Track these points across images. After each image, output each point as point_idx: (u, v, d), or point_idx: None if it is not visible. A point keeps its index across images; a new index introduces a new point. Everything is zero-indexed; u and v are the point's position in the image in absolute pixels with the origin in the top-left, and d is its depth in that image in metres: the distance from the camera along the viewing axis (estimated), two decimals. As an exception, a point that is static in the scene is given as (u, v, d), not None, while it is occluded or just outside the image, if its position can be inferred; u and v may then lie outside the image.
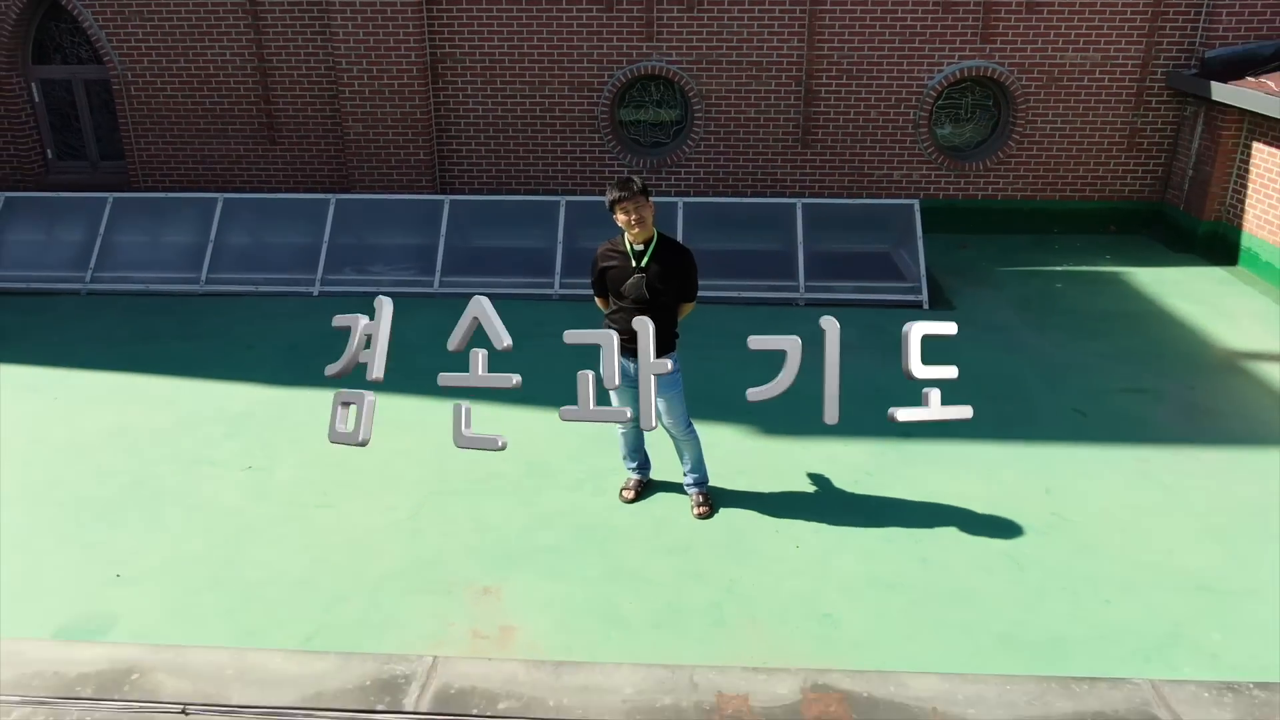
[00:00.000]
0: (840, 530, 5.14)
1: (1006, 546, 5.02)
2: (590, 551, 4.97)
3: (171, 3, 10.43)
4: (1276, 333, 7.99)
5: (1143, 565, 4.86)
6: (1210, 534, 5.14)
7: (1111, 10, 9.90)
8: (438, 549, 5.00)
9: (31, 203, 9.59)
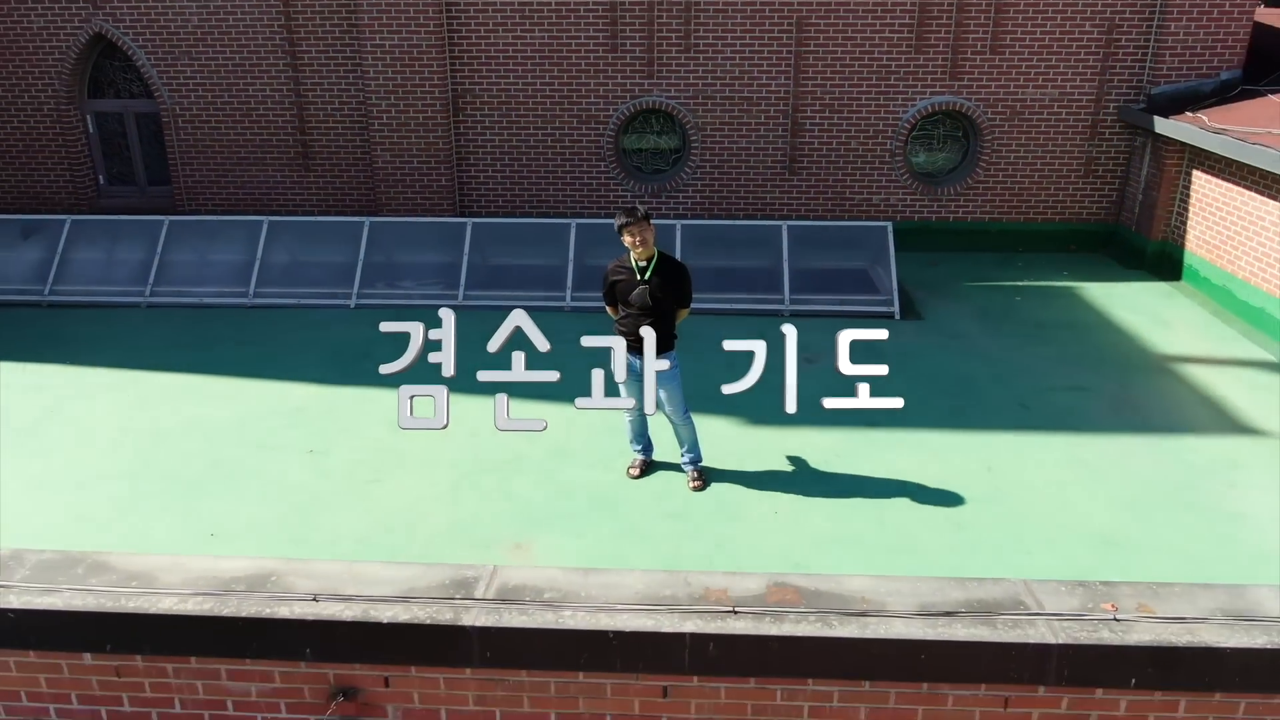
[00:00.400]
0: (812, 499, 6.15)
1: (950, 512, 6.02)
2: (603, 516, 5.97)
3: (217, 43, 11.52)
4: (1205, 339, 9.03)
5: (1062, 527, 5.86)
6: (1123, 504, 6.14)
7: (1067, 51, 10.99)
8: (475, 514, 6.00)
9: (94, 225, 10.64)
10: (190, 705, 3.86)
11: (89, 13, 11.51)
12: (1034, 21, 10.93)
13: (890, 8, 10.93)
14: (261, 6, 11.36)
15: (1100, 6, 10.83)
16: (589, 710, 3.72)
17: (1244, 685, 3.52)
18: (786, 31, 11.08)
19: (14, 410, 7.62)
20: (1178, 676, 3.52)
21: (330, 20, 11.36)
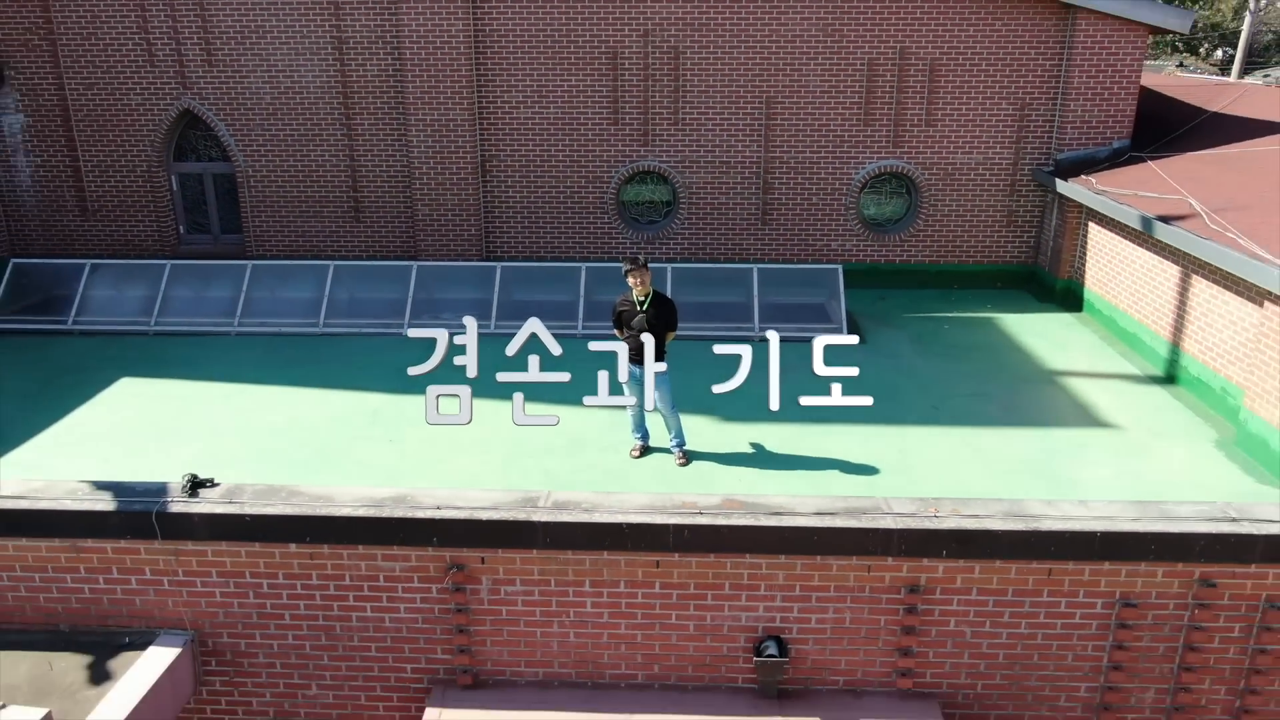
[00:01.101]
0: (770, 472, 8.36)
1: (868, 480, 8.24)
2: (614, 483, 8.15)
3: (285, 117, 13.86)
4: (1090, 358, 11.31)
5: (945, 488, 8.06)
6: (994, 475, 8.36)
7: (988, 123, 13.38)
8: (522, 481, 8.19)
9: (188, 268, 12.91)
10: (356, 577, 6.02)
11: (179, 92, 13.86)
12: (960, 99, 13.33)
13: (842, 89, 13.32)
14: (323, 87, 13.72)
15: (1014, 88, 13.23)
16: (609, 575, 5.89)
17: (1012, 554, 5.71)
18: (758, 108, 13.46)
19: (153, 413, 9.83)
20: (970, 550, 5.70)
21: (380, 98, 13.72)
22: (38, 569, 6.13)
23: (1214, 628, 5.85)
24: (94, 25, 13.65)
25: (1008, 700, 6.07)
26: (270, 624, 6.21)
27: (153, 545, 6.03)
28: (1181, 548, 5.67)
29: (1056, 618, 5.88)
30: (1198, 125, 13.87)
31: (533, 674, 6.19)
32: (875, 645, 5.97)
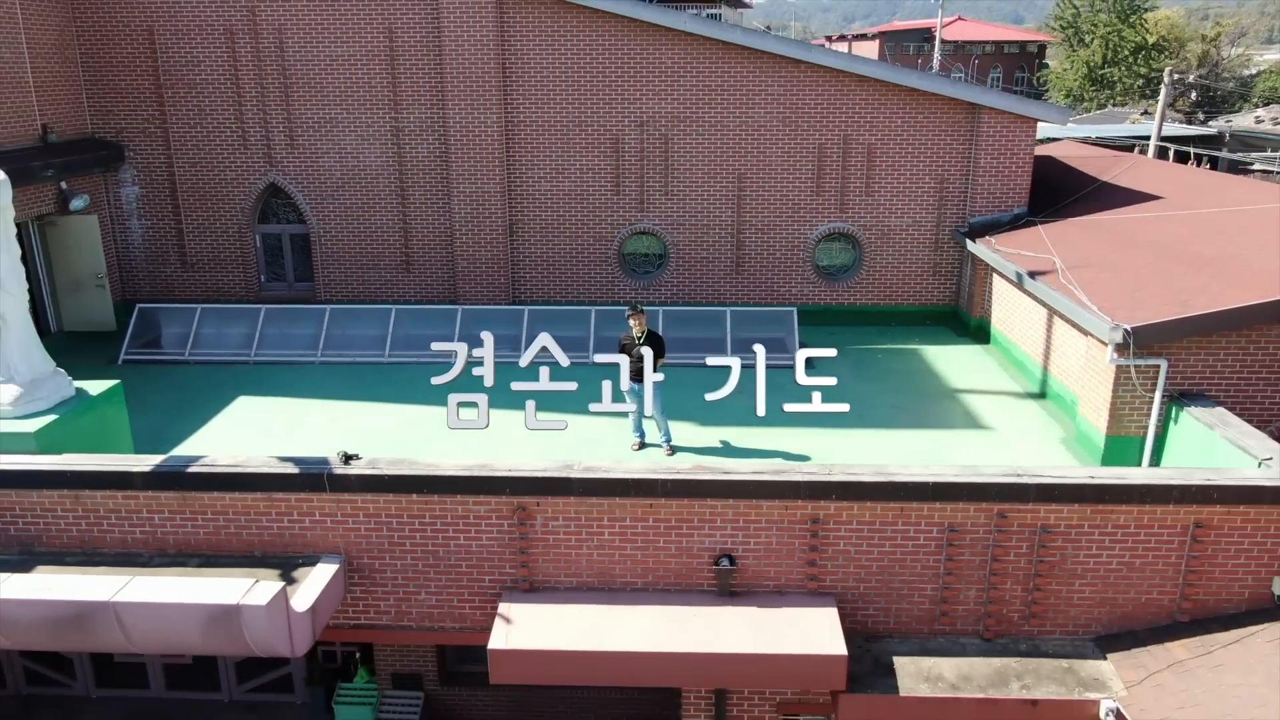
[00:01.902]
0: (741, 460, 11.60)
1: (812, 465, 11.48)
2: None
3: (352, 189, 17.22)
4: (987, 380, 14.60)
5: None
6: (893, 461, 11.61)
7: (915, 194, 16.76)
8: (552, 466, 11.42)
9: (280, 311, 16.21)
10: (454, 517, 9.20)
11: (266, 169, 17.24)
12: (893, 175, 16.73)
13: (798, 167, 16.73)
14: (382, 165, 17.09)
15: (935, 166, 16.64)
16: (619, 515, 9.07)
17: (876, 498, 8.94)
18: (731, 182, 16.86)
19: (271, 421, 13.08)
20: (850, 495, 8.90)
21: (429, 174, 17.09)
22: (244, 513, 9.33)
23: (1008, 546, 9.06)
24: (199, 116, 17.06)
25: (880, 596, 9.26)
26: (396, 549, 9.41)
27: (322, 496, 9.24)
28: (984, 493, 8.91)
29: (908, 540, 9.10)
30: (1086, 194, 17.28)
31: (569, 582, 9.38)
32: (792, 559, 9.18)
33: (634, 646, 8.77)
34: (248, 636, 8.04)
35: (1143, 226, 14.58)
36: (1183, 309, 10.87)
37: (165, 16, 16.58)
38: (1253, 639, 8.87)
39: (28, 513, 9.49)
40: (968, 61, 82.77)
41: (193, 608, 8.01)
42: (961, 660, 9.19)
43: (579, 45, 16.31)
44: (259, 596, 8.07)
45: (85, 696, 13.73)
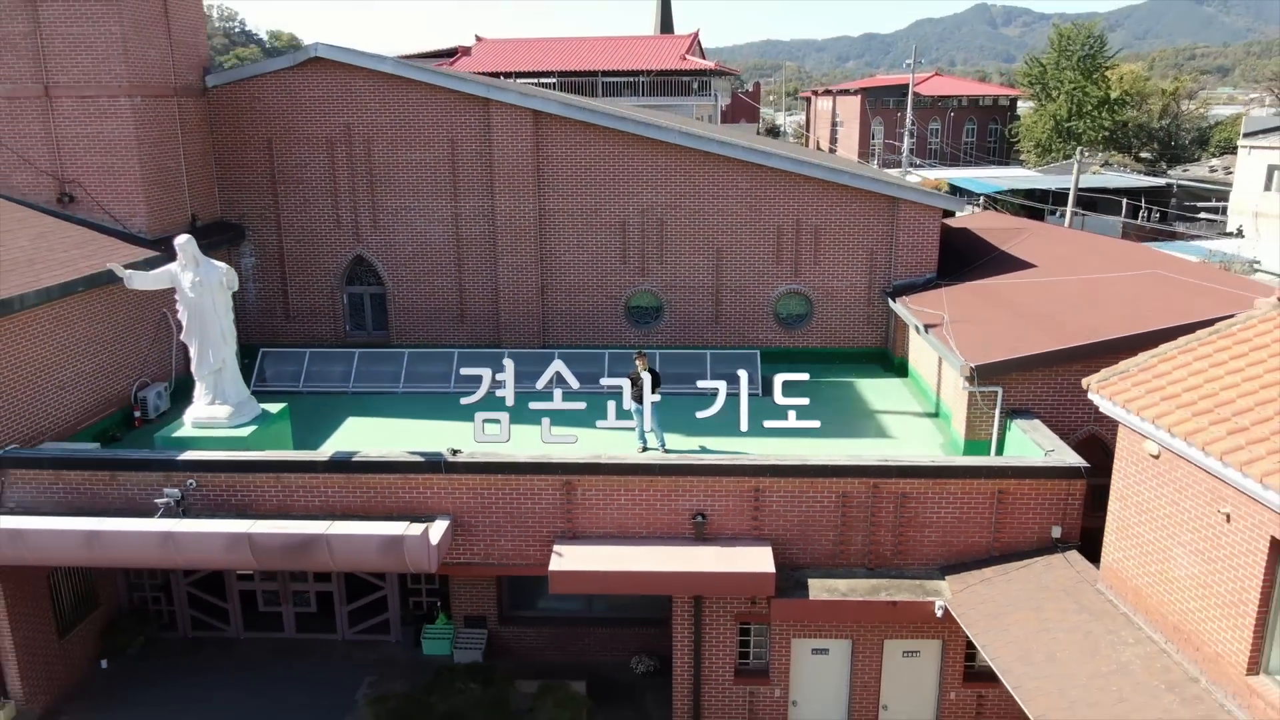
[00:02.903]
0: (718, 456, 16.68)
1: (754, 455, 16.56)
2: (629, 462, 16.50)
3: (421, 259, 22.41)
4: (900, 403, 19.71)
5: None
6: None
7: (851, 263, 21.97)
8: (583, 462, 16.53)
9: (369, 353, 21.36)
10: (525, 489, 14.19)
11: (354, 244, 22.47)
12: (835, 248, 21.94)
13: (762, 242, 21.94)
14: (444, 241, 22.30)
15: (866, 241, 21.85)
16: (632, 487, 14.08)
17: (795, 475, 13.97)
18: (712, 254, 22.08)
19: (373, 434, 18.13)
20: (780, 473, 13.97)
21: (480, 248, 22.30)
22: (388, 487, 14.39)
23: (881, 507, 14.13)
24: (303, 204, 22.31)
25: (799, 540, 14.32)
26: (485, 511, 14.46)
27: (438, 476, 14.31)
28: (864, 472, 14.01)
29: (816, 503, 14.17)
30: (984, 261, 22.50)
31: (599, 532, 14.44)
32: (742, 516, 14.25)
33: (640, 568, 13.86)
34: (406, 557, 13.13)
35: (1011, 290, 19.79)
36: (1012, 352, 16.03)
37: (281, 130, 21.88)
38: (1033, 564, 13.96)
39: (244, 489, 14.60)
40: (944, 115, 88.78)
41: (374, 538, 13.11)
42: (851, 580, 14.29)
43: (594, 152, 21.62)
44: (414, 532, 13.17)
45: (236, 638, 18.74)
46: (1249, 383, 11.07)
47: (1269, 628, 10.20)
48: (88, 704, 16.78)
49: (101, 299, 17.62)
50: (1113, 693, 11.11)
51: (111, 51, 18.72)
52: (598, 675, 17.04)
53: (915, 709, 15.41)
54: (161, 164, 20.04)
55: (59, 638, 16.79)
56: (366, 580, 18.35)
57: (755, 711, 15.42)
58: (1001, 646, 12.49)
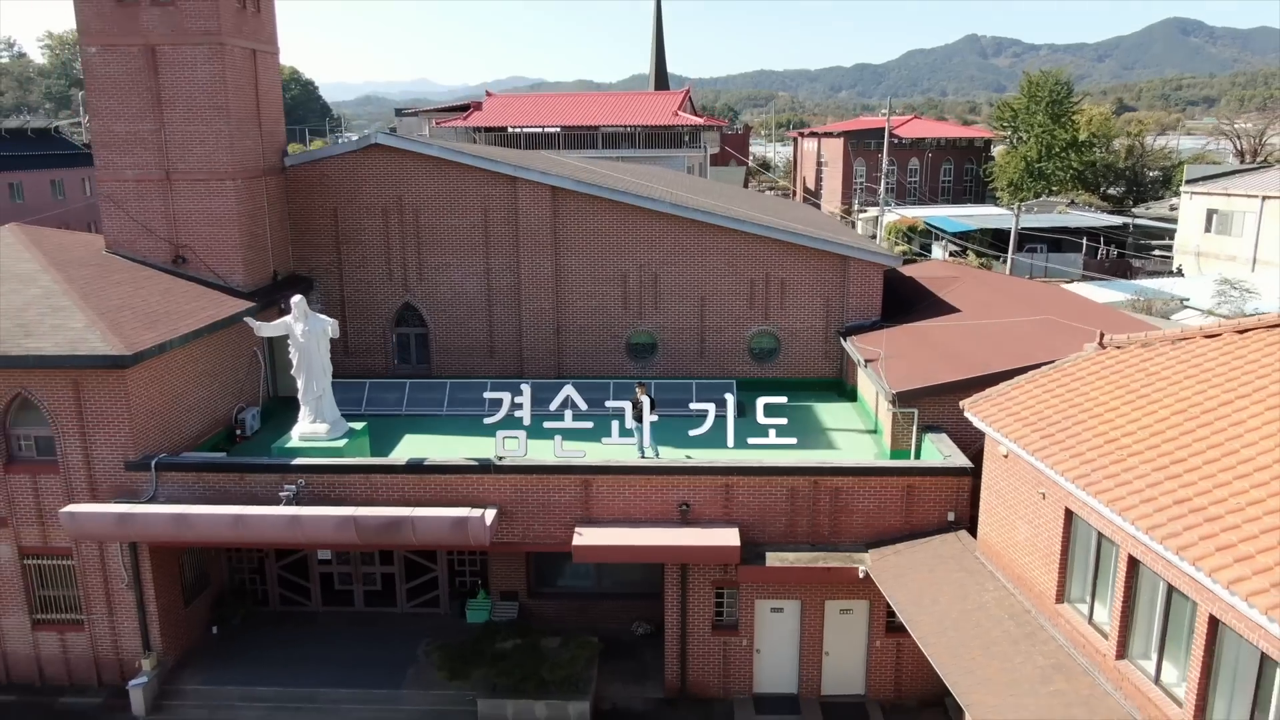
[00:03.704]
0: (698, 461, 21.50)
1: (726, 459, 21.37)
2: (631, 468, 21.31)
3: (458, 305, 27.29)
4: (848, 423, 24.55)
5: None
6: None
7: (811, 308, 26.88)
8: (595, 468, 21.33)
9: (418, 384, 26.17)
10: (555, 485, 18.91)
11: (403, 294, 27.35)
12: (798, 297, 26.86)
13: (739, 292, 26.86)
14: (477, 292, 27.18)
15: (823, 291, 26.76)
16: (636, 484, 18.83)
17: (753, 474, 18.76)
18: (697, 300, 27.00)
19: (428, 447, 22.91)
20: (743, 473, 18.71)
21: (507, 297, 27.18)
22: (447, 485, 19.14)
23: (820, 498, 18.95)
24: (361, 260, 27.22)
25: (759, 523, 19.08)
26: (523, 502, 19.20)
27: (489, 475, 19.09)
28: (806, 471, 18.81)
29: (772, 495, 18.95)
30: (921, 306, 27.41)
31: (609, 518, 19.20)
32: (716, 505, 19.01)
33: (640, 543, 18.65)
34: (469, 533, 17.92)
35: (936, 331, 24.70)
36: (925, 381, 20.87)
37: (345, 201, 26.82)
38: (932, 540, 18.76)
39: (341, 486, 19.38)
40: (922, 156, 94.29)
41: (446, 518, 17.91)
42: (798, 553, 19.07)
43: (600, 219, 26.58)
44: (475, 514, 17.98)
45: (316, 611, 23.45)
46: (1064, 404, 15.95)
47: (1068, 571, 15.00)
48: (205, 659, 21.45)
49: (214, 340, 22.42)
50: (972, 621, 15.90)
51: (220, 145, 23.65)
52: (606, 637, 21.70)
53: (850, 654, 20.15)
54: (253, 231, 24.95)
55: (184, 606, 21.48)
56: (421, 563, 23.12)
57: (728, 658, 20.15)
58: (902, 596, 17.28)
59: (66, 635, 20.78)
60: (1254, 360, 14.88)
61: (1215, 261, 56.00)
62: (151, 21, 22.87)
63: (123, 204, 23.98)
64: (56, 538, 20.01)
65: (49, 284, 20.93)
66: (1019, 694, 13.99)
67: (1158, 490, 12.78)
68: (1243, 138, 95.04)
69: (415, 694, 20.08)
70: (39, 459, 19.96)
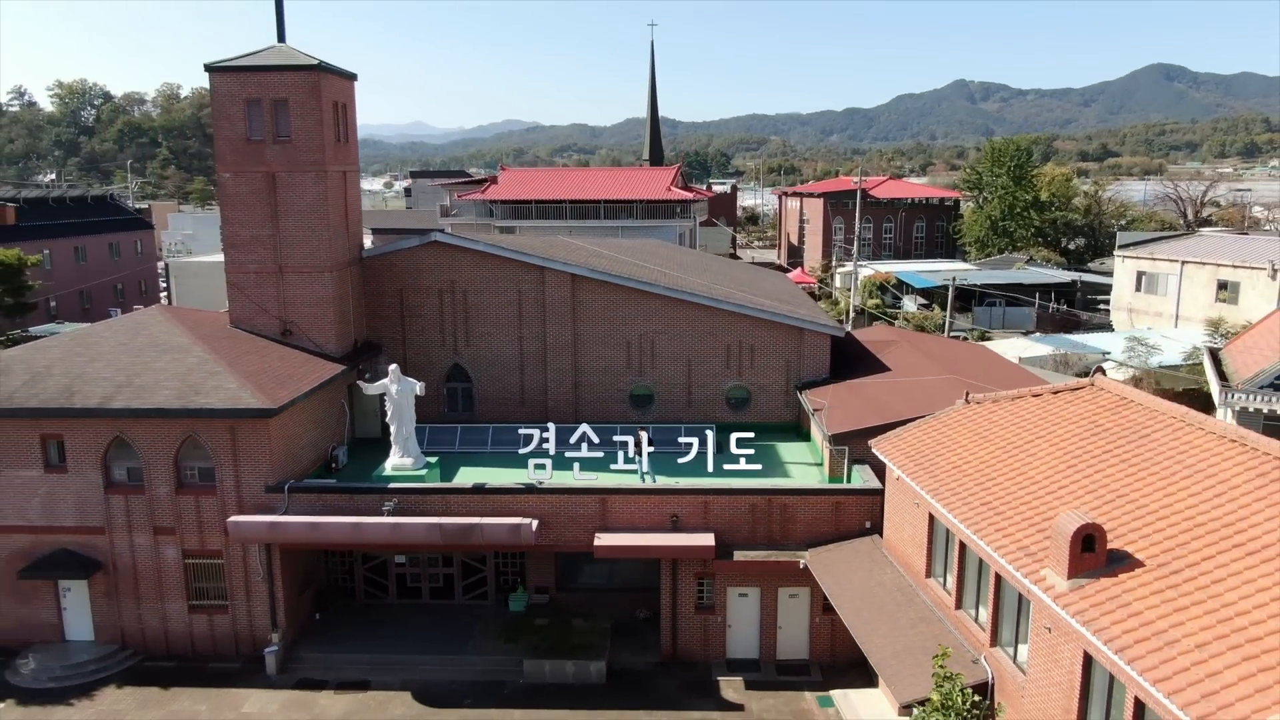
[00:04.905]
0: (685, 485, 28.73)
1: (704, 483, 28.60)
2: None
3: (497, 364, 34.60)
4: (802, 457, 31.81)
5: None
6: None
7: (775, 367, 34.23)
8: (608, 491, 28.57)
9: (466, 428, 33.42)
10: (578, 503, 26.11)
11: (453, 355, 34.68)
12: (765, 358, 34.22)
13: (717, 354, 34.24)
14: (512, 354, 34.49)
15: (785, 354, 34.14)
16: (639, 500, 25.98)
17: (723, 494, 25.89)
18: (685, 361, 34.37)
19: (482, 476, 30.13)
20: (716, 494, 25.88)
21: (536, 357, 34.51)
22: (502, 502, 26.28)
23: (771, 512, 26.09)
24: (420, 330, 34.59)
25: (730, 530, 26.18)
26: (556, 514, 26.32)
27: (533, 495, 26.25)
28: (760, 493, 26.03)
29: (738, 510, 26.11)
30: (861, 365, 34.76)
31: (620, 526, 26.31)
32: (698, 517, 26.15)
33: (642, 544, 25.86)
34: (521, 536, 25.11)
35: (871, 388, 32.04)
36: (855, 426, 28.15)
37: (408, 283, 34.24)
38: (853, 542, 25.98)
39: (426, 504, 26.58)
40: (896, 214, 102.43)
41: (505, 525, 25.11)
42: (756, 551, 26.26)
43: (609, 298, 34.01)
44: (526, 522, 25.20)
45: (392, 603, 30.55)
46: (933, 443, 23.26)
47: (932, 556, 22.19)
48: (312, 636, 28.46)
49: (319, 395, 29.65)
50: (874, 594, 23.06)
51: (320, 245, 31.08)
52: (616, 620, 28.74)
53: (797, 628, 27.24)
54: (342, 309, 32.31)
55: (298, 596, 28.55)
56: (473, 565, 30.23)
57: (707, 631, 27.22)
58: (829, 580, 24.45)
59: (214, 617, 27.82)
60: (1054, 412, 22.27)
61: (1145, 317, 63.64)
62: (273, 155, 30.40)
63: (245, 289, 31.37)
64: (211, 542, 27.14)
65: (202, 354, 28.21)
66: (896, 634, 21.17)
67: (975, 499, 20.08)
68: (1185, 200, 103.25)
69: (475, 658, 27.11)
70: (200, 483, 27.14)
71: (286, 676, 26.88)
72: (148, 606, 27.80)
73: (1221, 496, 16.76)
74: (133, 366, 27.69)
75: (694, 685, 26.44)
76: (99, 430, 26.66)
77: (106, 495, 27.10)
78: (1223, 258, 59.34)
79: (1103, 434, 20.51)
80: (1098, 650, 14.93)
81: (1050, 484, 19.33)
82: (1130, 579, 15.53)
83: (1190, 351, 49.37)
